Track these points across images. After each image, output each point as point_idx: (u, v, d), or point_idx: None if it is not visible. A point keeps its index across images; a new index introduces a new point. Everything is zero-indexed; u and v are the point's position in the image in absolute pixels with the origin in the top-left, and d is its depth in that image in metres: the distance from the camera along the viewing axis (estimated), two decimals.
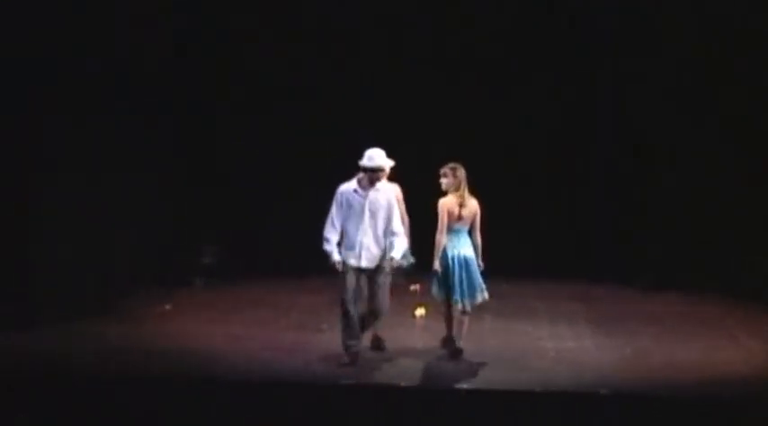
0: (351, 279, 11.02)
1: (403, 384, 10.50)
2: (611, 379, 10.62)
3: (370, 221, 11.02)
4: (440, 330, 11.79)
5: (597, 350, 12.00)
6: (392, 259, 11.05)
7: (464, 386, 10.33)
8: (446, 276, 11.44)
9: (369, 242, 11.02)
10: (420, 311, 13.52)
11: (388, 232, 11.07)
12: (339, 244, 11.14)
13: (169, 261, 15.32)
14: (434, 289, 11.58)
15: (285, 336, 12.43)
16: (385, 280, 11.07)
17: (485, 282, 11.57)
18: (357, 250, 11.03)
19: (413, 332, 12.57)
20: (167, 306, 13.82)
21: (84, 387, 10.19)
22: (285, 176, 16.58)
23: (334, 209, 11.13)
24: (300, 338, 12.34)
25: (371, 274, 11.05)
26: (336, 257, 11.05)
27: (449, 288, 11.46)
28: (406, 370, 10.98)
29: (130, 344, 11.82)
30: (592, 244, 16.38)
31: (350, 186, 11.14)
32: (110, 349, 11.59)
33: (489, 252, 11.61)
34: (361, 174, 11.13)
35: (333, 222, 11.12)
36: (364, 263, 11.03)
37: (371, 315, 11.16)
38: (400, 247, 11.08)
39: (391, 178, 11.58)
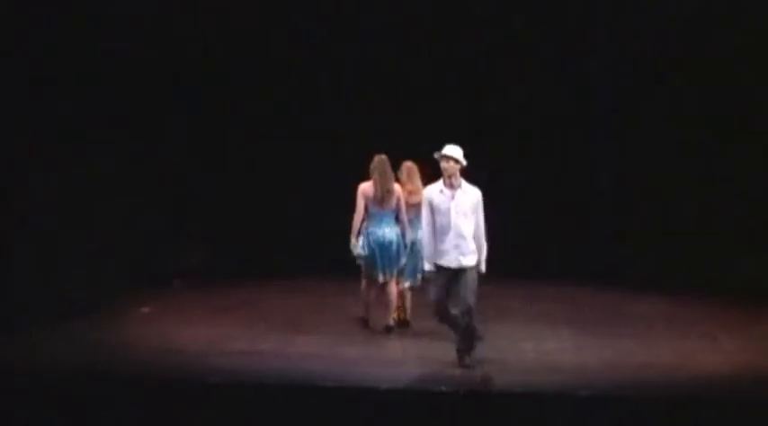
0: (441, 291, 11.05)
1: (384, 386, 10.47)
2: (592, 380, 10.61)
3: (457, 221, 11.02)
4: (417, 328, 11.79)
5: (577, 352, 12.00)
6: (480, 270, 11.11)
7: (443, 388, 10.31)
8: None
9: (458, 242, 11.03)
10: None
11: (476, 236, 11.10)
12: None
13: (153, 262, 15.30)
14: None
15: (267, 338, 12.41)
16: (473, 280, 11.07)
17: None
18: (448, 250, 11.04)
19: (393, 336, 12.55)
20: (145, 309, 13.78)
21: (66, 388, 10.16)
22: (272, 177, 16.58)
23: (425, 214, 11.18)
24: (282, 340, 12.32)
25: (460, 274, 11.04)
26: (430, 267, 11.17)
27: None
28: (387, 373, 10.95)
29: (112, 345, 11.83)
30: (573, 245, 16.38)
31: (436, 187, 11.18)
32: (91, 349, 11.58)
33: None
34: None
35: (429, 227, 11.14)
36: (455, 264, 11.02)
37: (464, 315, 11.07)
38: (484, 257, 11.13)
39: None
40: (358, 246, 12.47)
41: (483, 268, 11.15)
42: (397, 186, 12.57)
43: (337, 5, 16.40)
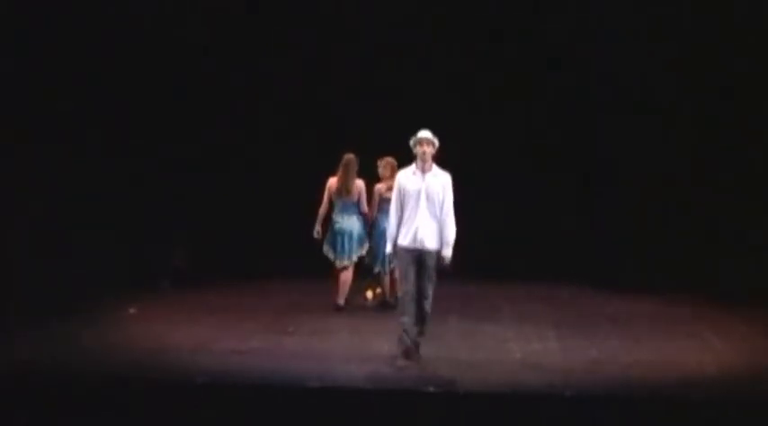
0: (409, 268, 11.22)
1: (370, 386, 10.48)
2: (577, 381, 10.61)
3: (426, 204, 11.23)
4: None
5: (563, 352, 12.00)
6: (444, 258, 11.25)
7: (430, 388, 10.31)
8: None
9: (425, 224, 11.22)
10: (370, 293, 14.26)
11: (443, 219, 11.26)
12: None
13: (138, 264, 15.28)
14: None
15: (253, 339, 12.40)
16: (434, 265, 11.24)
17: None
18: (413, 231, 11.23)
19: (379, 335, 12.55)
20: (131, 310, 13.75)
21: (54, 388, 10.13)
22: (254, 179, 16.58)
23: (395, 197, 11.42)
24: (268, 340, 12.32)
25: (424, 256, 11.21)
26: (390, 249, 11.42)
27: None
28: (373, 373, 10.94)
29: (100, 346, 11.80)
30: (558, 244, 16.40)
31: (408, 170, 11.42)
32: (80, 350, 11.56)
33: (456, 252, 11.63)
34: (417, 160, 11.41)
35: (396, 211, 11.37)
36: (419, 245, 11.20)
37: (420, 303, 11.26)
38: (450, 241, 11.29)
39: None
40: (324, 247, 13.86)
41: (449, 252, 11.24)
42: (359, 181, 13.81)
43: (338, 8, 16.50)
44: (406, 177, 11.36)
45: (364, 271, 14.11)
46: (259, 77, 16.61)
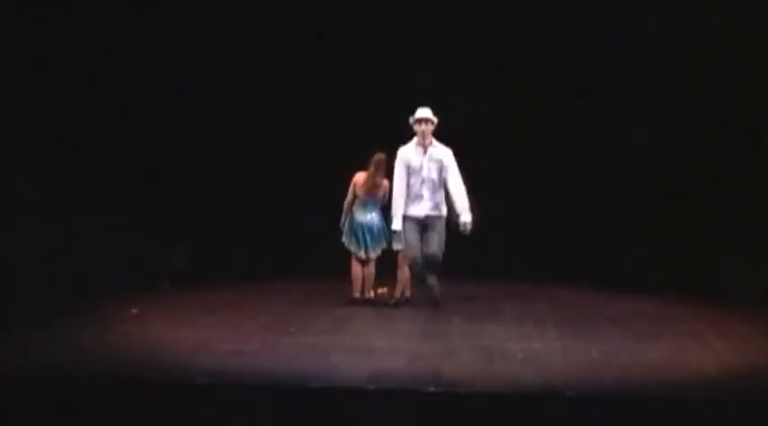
0: (413, 235, 12.09)
1: (370, 387, 10.46)
2: (578, 381, 10.60)
3: (428, 175, 12.06)
4: (404, 328, 11.83)
5: (564, 352, 11.98)
6: (465, 223, 12.22)
7: (431, 388, 10.30)
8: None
9: (429, 193, 12.12)
10: (372, 292, 14.37)
11: (453, 188, 12.16)
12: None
13: (138, 264, 15.28)
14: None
15: (253, 339, 12.39)
16: (443, 230, 12.08)
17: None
18: (419, 201, 12.08)
19: (379, 333, 12.55)
20: (134, 310, 13.74)
21: (54, 388, 10.12)
22: (254, 178, 16.57)
23: (398, 171, 12.29)
24: (268, 340, 12.31)
25: (430, 223, 12.07)
26: (398, 226, 12.32)
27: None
28: (373, 372, 10.93)
29: (98, 347, 11.75)
30: (558, 244, 16.39)
31: (409, 146, 12.20)
32: (81, 350, 11.54)
33: (456, 252, 11.64)
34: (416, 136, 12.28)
35: (400, 185, 12.28)
36: (424, 213, 12.03)
37: (428, 265, 12.11)
38: (467, 206, 12.18)
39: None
40: (343, 235, 14.12)
41: (468, 217, 12.25)
42: (386, 180, 13.83)
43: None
44: (408, 153, 12.13)
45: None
46: (259, 76, 16.59)
